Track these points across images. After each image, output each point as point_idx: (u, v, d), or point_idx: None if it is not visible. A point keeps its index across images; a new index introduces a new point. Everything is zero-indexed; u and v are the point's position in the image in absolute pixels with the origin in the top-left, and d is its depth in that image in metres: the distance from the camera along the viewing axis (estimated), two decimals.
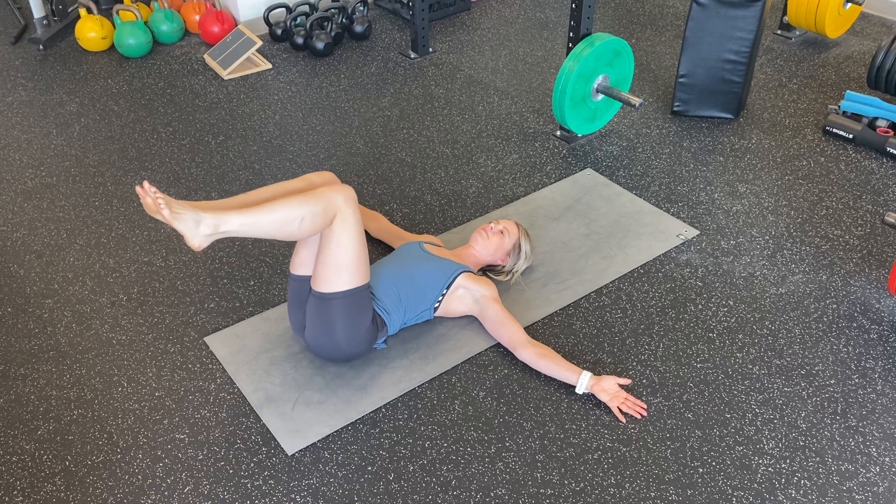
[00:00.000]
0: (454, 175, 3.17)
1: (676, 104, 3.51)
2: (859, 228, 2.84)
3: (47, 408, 2.19)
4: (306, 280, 2.21)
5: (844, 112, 3.42)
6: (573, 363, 2.28)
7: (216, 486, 1.98)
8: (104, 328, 2.45)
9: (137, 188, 1.90)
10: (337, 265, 2.09)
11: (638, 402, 2.17)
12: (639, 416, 2.13)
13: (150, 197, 1.87)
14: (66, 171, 3.21)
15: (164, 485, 1.99)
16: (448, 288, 2.35)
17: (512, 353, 2.31)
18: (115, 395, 2.23)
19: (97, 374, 2.29)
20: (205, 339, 2.41)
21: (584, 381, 2.17)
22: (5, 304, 2.55)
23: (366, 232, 2.79)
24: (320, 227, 2.06)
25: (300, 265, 2.23)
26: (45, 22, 4.23)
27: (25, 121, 3.56)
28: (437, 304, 2.36)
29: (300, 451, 2.07)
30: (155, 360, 2.34)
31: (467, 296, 2.37)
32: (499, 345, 2.36)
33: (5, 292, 2.60)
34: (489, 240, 2.50)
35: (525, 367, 2.28)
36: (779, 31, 4.23)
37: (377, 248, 2.75)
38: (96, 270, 2.69)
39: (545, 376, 2.26)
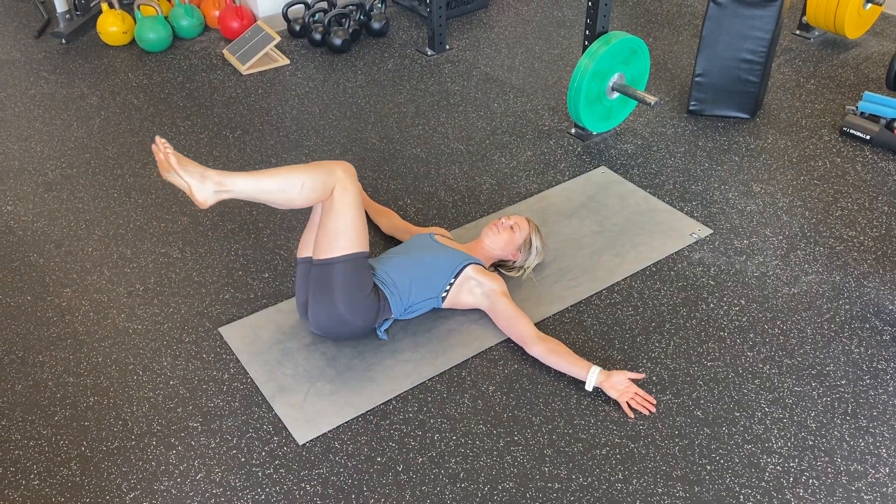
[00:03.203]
0: (468, 171, 3.18)
1: (692, 103, 3.51)
2: (874, 230, 2.83)
3: (64, 394, 2.23)
4: (310, 261, 2.27)
5: (862, 113, 3.40)
6: (584, 359, 2.29)
7: (228, 474, 2.01)
8: (121, 317, 2.49)
9: (153, 146, 2.02)
10: (336, 232, 2.17)
11: (647, 396, 2.17)
12: (647, 413, 2.14)
13: (161, 149, 1.99)
14: (87, 163, 3.26)
15: (176, 471, 2.02)
16: (456, 277, 2.37)
17: (522, 349, 2.32)
18: (131, 383, 2.27)
19: (113, 363, 2.33)
20: (219, 329, 2.44)
21: (591, 378, 2.17)
22: (25, 292, 2.60)
23: (377, 228, 2.83)
24: (320, 196, 2.16)
25: (305, 248, 2.30)
26: (67, 16, 4.29)
27: (47, 113, 3.61)
28: (444, 293, 2.38)
29: (311, 440, 2.09)
30: (170, 349, 2.37)
31: (477, 289, 2.38)
32: (509, 340, 2.37)
33: (25, 281, 2.64)
34: (499, 234, 2.52)
35: (535, 362, 2.30)
36: (798, 32, 4.21)
37: (388, 244, 2.77)
38: (114, 261, 2.73)
39: (555, 371, 2.27)
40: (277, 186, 2.10)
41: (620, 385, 2.16)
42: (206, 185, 2.04)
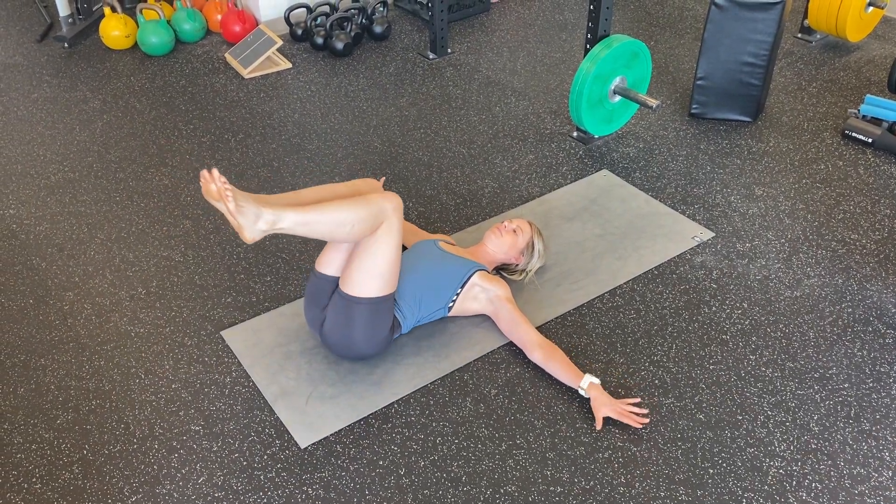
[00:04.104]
0: (470, 175, 3.18)
1: (694, 106, 3.51)
2: (876, 233, 2.83)
3: (66, 398, 2.23)
4: (330, 280, 2.24)
5: (864, 116, 3.40)
6: (586, 362, 2.30)
7: (230, 478, 2.01)
8: (123, 321, 2.49)
9: (204, 172, 1.89)
10: (370, 272, 2.13)
11: (638, 411, 2.14)
12: (638, 426, 2.11)
13: (218, 185, 1.88)
14: (89, 167, 3.26)
15: (178, 475, 2.02)
16: (463, 287, 2.37)
17: (524, 352, 2.32)
18: (133, 386, 2.27)
19: (115, 366, 2.33)
20: (221, 332, 2.44)
21: (583, 393, 2.17)
22: (27, 295, 2.60)
23: None
24: (367, 234, 2.09)
25: (327, 265, 2.24)
26: (70, 20, 4.30)
27: (50, 117, 3.62)
28: (451, 304, 2.38)
29: (313, 444, 2.09)
30: (172, 352, 2.38)
31: (482, 295, 2.38)
32: (511, 343, 2.37)
33: (27, 284, 2.65)
34: (502, 238, 2.52)
35: (537, 366, 2.29)
36: (799, 35, 4.21)
37: None
38: (116, 264, 2.73)
39: None
40: (328, 228, 2.03)
41: (606, 409, 2.13)
42: (258, 225, 1.94)
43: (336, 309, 2.19)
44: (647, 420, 2.12)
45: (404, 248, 2.71)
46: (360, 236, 2.09)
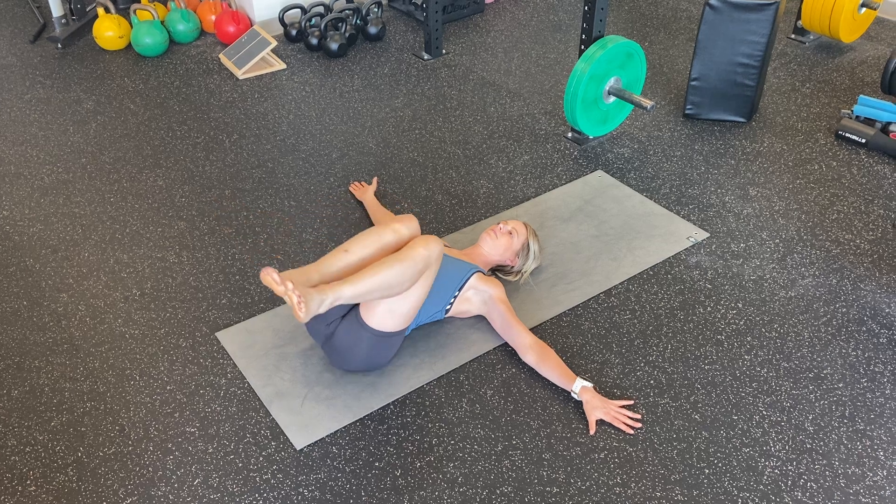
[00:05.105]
0: (465, 175, 3.19)
1: (688, 107, 3.52)
2: (870, 233, 2.84)
3: (61, 400, 2.22)
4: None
5: (857, 117, 3.41)
6: (581, 363, 2.30)
7: (225, 479, 2.00)
8: (117, 322, 2.48)
9: (272, 275, 1.89)
10: (396, 311, 2.13)
11: (630, 414, 2.14)
12: (630, 432, 2.11)
13: (289, 293, 1.89)
14: (83, 168, 3.25)
15: (174, 477, 2.01)
16: (460, 289, 2.37)
17: None
18: (128, 388, 2.26)
19: (110, 368, 2.32)
20: (216, 334, 2.43)
21: (575, 396, 2.17)
22: (21, 297, 2.59)
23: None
24: (414, 282, 2.11)
25: None
26: (63, 21, 4.29)
27: (43, 118, 3.61)
28: (448, 306, 2.38)
29: (308, 445, 2.09)
30: (167, 354, 2.37)
31: (476, 297, 2.38)
32: (506, 344, 2.37)
33: (21, 286, 2.63)
34: (498, 240, 2.52)
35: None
36: (793, 36, 4.22)
37: None
38: (110, 266, 2.72)
39: None
40: (382, 293, 2.07)
41: (598, 412, 2.14)
42: (319, 310, 1.97)
43: (348, 329, 2.18)
44: (639, 425, 2.13)
45: None
46: (409, 287, 2.10)
